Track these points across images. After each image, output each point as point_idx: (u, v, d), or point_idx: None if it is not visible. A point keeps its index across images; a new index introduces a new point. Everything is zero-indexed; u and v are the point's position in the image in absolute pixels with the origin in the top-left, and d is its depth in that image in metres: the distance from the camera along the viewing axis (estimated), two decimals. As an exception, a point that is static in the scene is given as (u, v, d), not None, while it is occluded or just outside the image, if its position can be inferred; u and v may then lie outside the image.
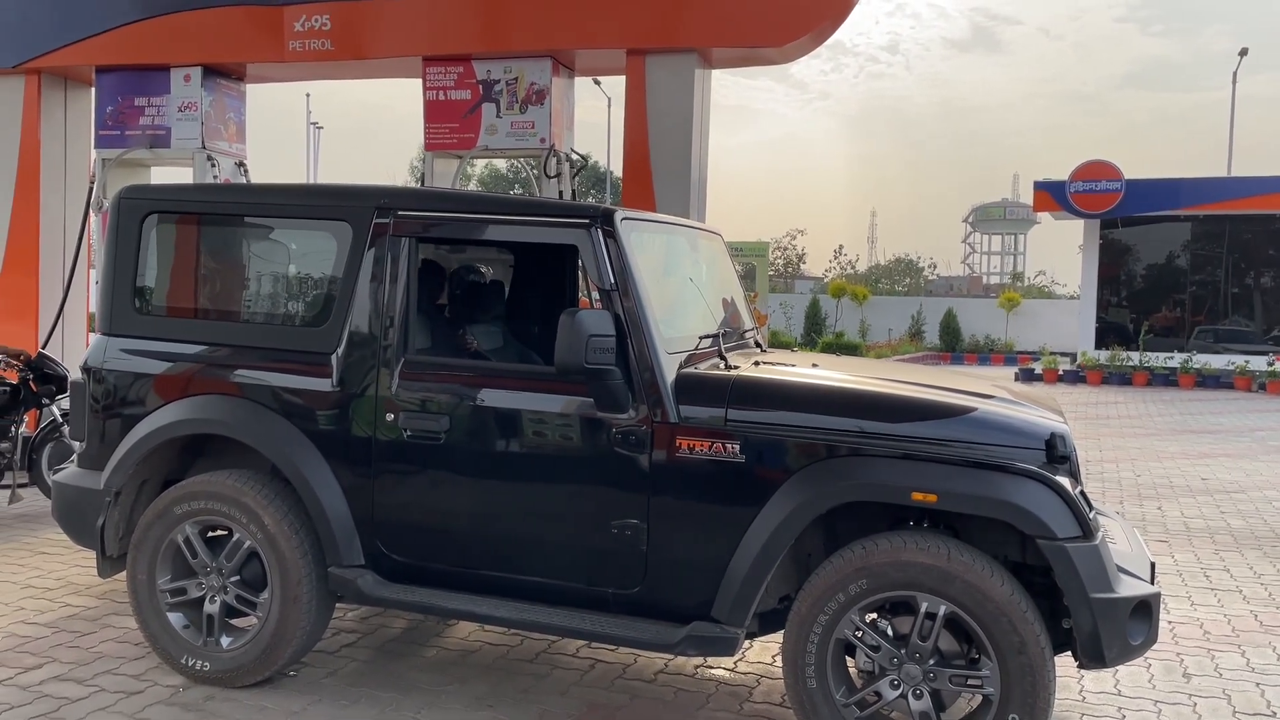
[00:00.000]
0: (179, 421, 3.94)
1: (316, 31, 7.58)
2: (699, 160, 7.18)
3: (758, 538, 3.33)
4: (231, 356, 3.99)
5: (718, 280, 4.52)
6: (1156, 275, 22.40)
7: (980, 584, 3.11)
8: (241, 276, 4.23)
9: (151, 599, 3.99)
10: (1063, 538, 3.07)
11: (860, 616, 3.27)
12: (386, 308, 3.80)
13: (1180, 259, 22.13)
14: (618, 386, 3.46)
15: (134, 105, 8.12)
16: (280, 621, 3.83)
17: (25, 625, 4.56)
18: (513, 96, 7.31)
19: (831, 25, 7.09)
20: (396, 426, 3.74)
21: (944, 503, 3.16)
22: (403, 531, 3.78)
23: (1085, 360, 20.95)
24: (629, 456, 3.50)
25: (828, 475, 3.28)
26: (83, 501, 4.12)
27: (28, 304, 8.48)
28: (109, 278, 4.18)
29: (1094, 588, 3.07)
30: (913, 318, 30.86)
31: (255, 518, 3.83)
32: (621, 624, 3.51)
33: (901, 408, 3.38)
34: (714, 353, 3.92)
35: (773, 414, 3.41)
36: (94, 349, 4.20)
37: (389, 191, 3.91)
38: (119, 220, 4.17)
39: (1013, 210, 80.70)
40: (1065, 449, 3.28)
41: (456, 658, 4.35)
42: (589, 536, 3.55)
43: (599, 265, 3.56)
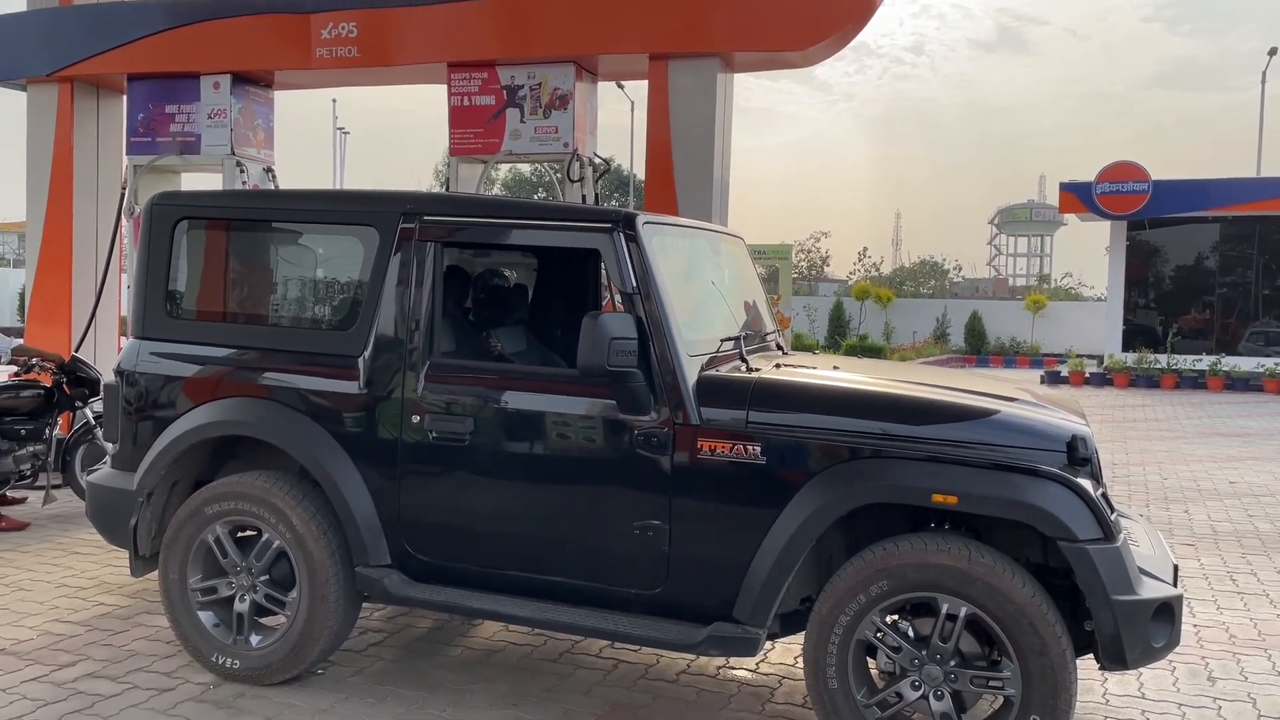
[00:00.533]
0: (209, 424, 4.01)
1: (343, 39, 7.67)
2: (721, 163, 7.21)
3: (779, 539, 3.36)
4: (260, 359, 4.06)
5: (740, 283, 4.55)
6: (1185, 277, 22.20)
7: (1001, 585, 3.12)
8: (270, 281, 4.30)
9: (183, 598, 4.06)
10: (1084, 540, 3.08)
11: (881, 618, 3.29)
12: (412, 311, 3.85)
13: (1209, 260, 21.92)
14: (640, 388, 3.50)
15: (164, 112, 8.24)
16: (308, 620, 3.89)
17: (59, 624, 4.66)
18: (536, 102, 7.37)
19: (854, 28, 7.09)
20: (422, 428, 3.80)
21: (964, 504, 3.17)
22: (428, 532, 3.83)
23: (1112, 363, 20.80)
24: (651, 458, 3.53)
25: (849, 477, 3.31)
26: (116, 502, 4.20)
27: (61, 307, 8.63)
28: (141, 283, 4.26)
29: (1115, 590, 3.08)
30: (937, 320, 30.72)
31: (284, 518, 3.89)
32: (644, 624, 3.54)
33: (922, 410, 3.40)
34: (736, 355, 3.95)
35: (794, 416, 3.44)
36: (127, 352, 4.29)
37: (414, 197, 3.97)
38: (151, 226, 4.25)
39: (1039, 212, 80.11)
40: (1087, 451, 3.29)
41: (481, 657, 4.40)
42: (611, 537, 3.59)
43: (621, 269, 3.60)
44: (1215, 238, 21.59)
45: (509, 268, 5.21)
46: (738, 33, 6.93)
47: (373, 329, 3.90)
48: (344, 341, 3.95)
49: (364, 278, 3.96)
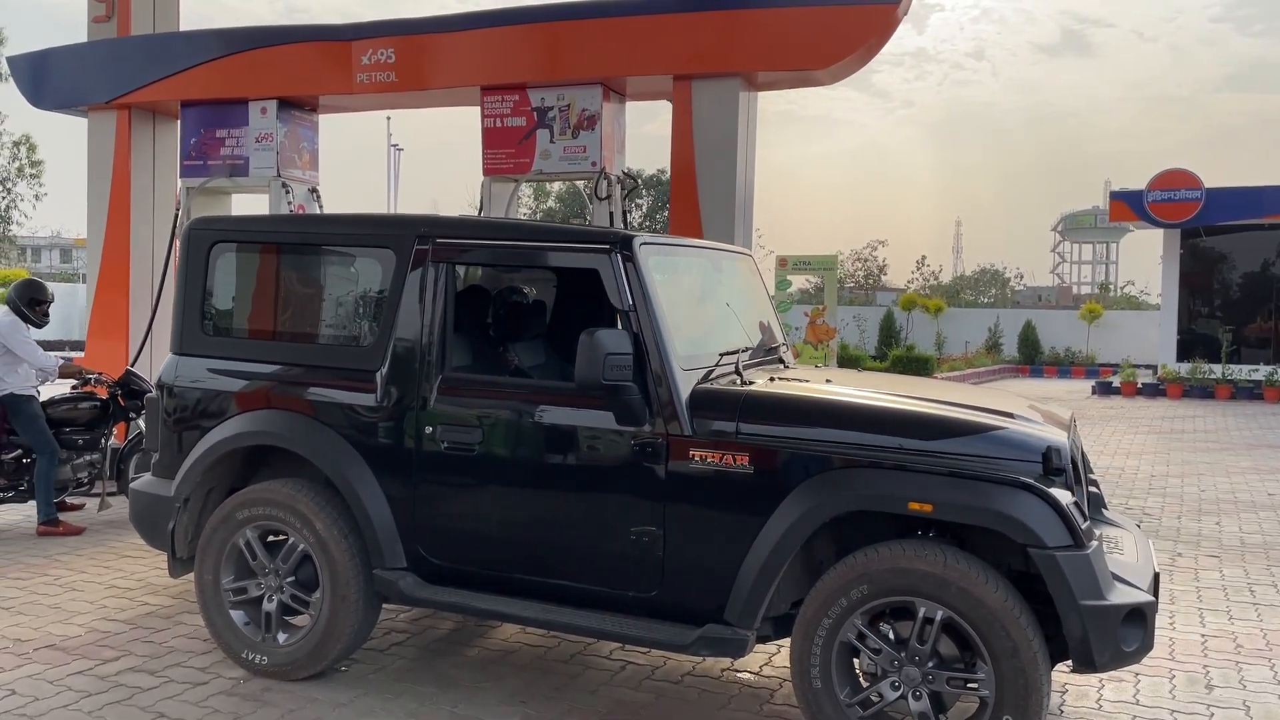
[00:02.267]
0: (240, 434, 4.29)
1: (381, 64, 8.00)
2: (744, 181, 7.39)
3: (766, 544, 3.52)
4: (287, 374, 4.33)
5: (745, 299, 4.72)
6: (1241, 285, 21.76)
7: (975, 590, 3.25)
8: (296, 300, 4.57)
9: (216, 597, 4.34)
10: (1052, 546, 3.20)
11: (863, 620, 3.43)
12: (426, 328, 4.09)
13: (1266, 268, 21.47)
14: (634, 401, 3.69)
15: (215, 137, 8.65)
16: (330, 620, 4.13)
17: (106, 621, 4.97)
18: (565, 122, 7.61)
19: (876, 44, 7.21)
20: (435, 438, 4.03)
21: (939, 512, 3.31)
22: (441, 537, 4.06)
23: (1165, 373, 20.49)
24: (646, 467, 3.72)
25: (830, 486, 3.46)
26: (156, 507, 4.50)
27: (119, 323, 9.08)
28: (180, 302, 4.57)
29: (1084, 595, 3.19)
30: (990, 330, 30.41)
31: (308, 523, 4.15)
32: (640, 625, 3.72)
33: (901, 422, 3.54)
34: (729, 369, 4.13)
35: (780, 427, 3.60)
36: (166, 367, 4.59)
37: (428, 220, 4.21)
38: (188, 249, 4.56)
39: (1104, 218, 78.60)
40: (1060, 461, 3.41)
41: (496, 657, 4.61)
42: (610, 542, 3.78)
43: (618, 287, 3.80)
44: (1273, 245, 21.16)
45: (529, 285, 5.43)
46: (759, 53, 7.10)
47: (390, 345, 4.14)
48: (363, 357, 4.20)
49: (382, 297, 4.21)
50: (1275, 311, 21.34)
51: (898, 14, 7.06)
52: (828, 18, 7.01)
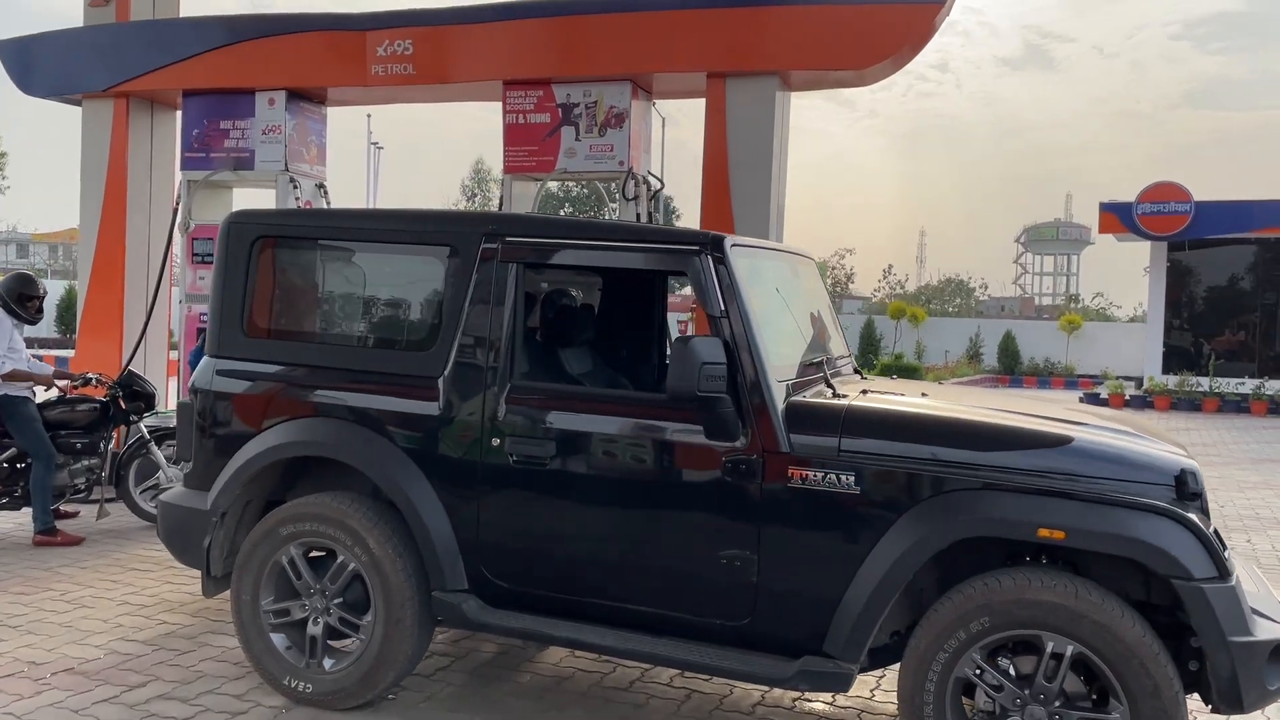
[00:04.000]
0: (286, 444, 3.97)
1: (399, 56, 7.68)
2: (778, 183, 7.16)
3: (874, 572, 3.27)
4: (339, 379, 4.02)
5: (816, 306, 4.48)
6: (1227, 299, 21.89)
7: (1110, 624, 3.02)
8: (349, 301, 4.27)
9: (255, 619, 4.02)
10: (1199, 579, 2.98)
11: (982, 655, 3.19)
12: (493, 332, 3.80)
13: (1251, 282, 21.61)
14: (728, 415, 3.43)
15: (219, 128, 8.28)
16: (383, 645, 3.83)
17: (125, 643, 4.62)
18: (592, 120, 7.34)
19: (911, 50, 7.03)
20: (502, 451, 3.74)
21: (1073, 540, 3.08)
22: (507, 557, 3.77)
23: (1153, 385, 20.53)
24: (739, 486, 3.46)
25: (948, 509, 3.22)
26: (189, 522, 4.17)
27: (113, 321, 8.68)
28: (218, 301, 4.24)
29: (1232, 631, 2.97)
30: (970, 339, 30.49)
31: (360, 540, 3.84)
32: (731, 656, 3.46)
33: (1025, 440, 3.31)
34: (817, 380, 3.88)
35: (888, 444, 3.36)
36: (201, 371, 4.26)
37: (497, 218, 3.93)
38: (228, 244, 4.23)
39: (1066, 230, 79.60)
40: (1197, 485, 3.19)
41: (551, 684, 4.33)
42: (697, 566, 3.51)
43: (708, 292, 3.54)
44: (1258, 259, 21.30)
45: (575, 287, 5.16)
46: (796, 51, 6.88)
47: (452, 350, 3.85)
48: (423, 362, 3.90)
49: (444, 298, 3.92)
50: (1259, 325, 21.49)
51: (939, 16, 6.87)
52: (868, 17, 6.81)
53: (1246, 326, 21.61)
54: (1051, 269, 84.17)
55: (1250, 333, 21.57)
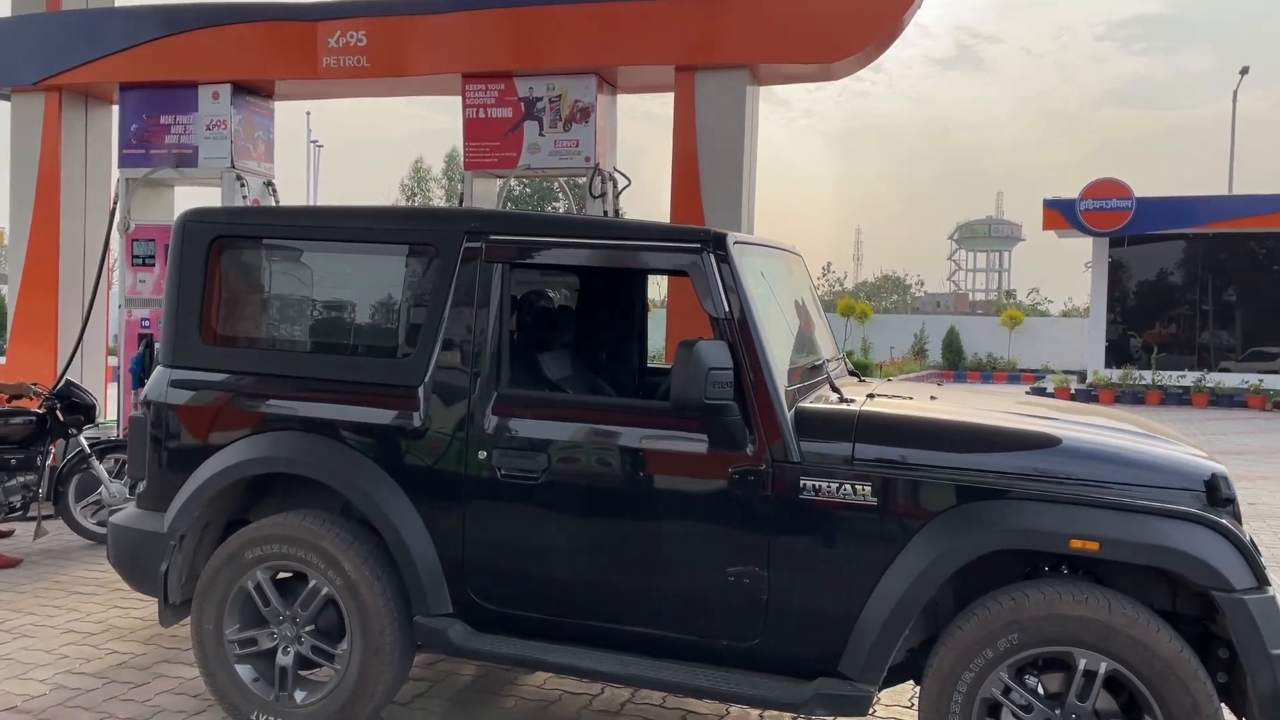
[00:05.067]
0: (253, 460, 3.67)
1: (352, 48, 7.37)
2: (749, 177, 6.99)
3: (894, 588, 3.09)
4: (307, 389, 3.73)
5: (809, 305, 4.29)
6: (1166, 293, 22.28)
7: (1146, 639, 2.87)
8: (317, 304, 3.97)
9: (218, 650, 3.71)
10: (1240, 589, 2.84)
11: (1009, 674, 3.02)
12: (477, 337, 3.55)
13: (1190, 277, 22.03)
14: (734, 423, 3.22)
15: (159, 123, 7.88)
16: (361, 674, 3.56)
17: (73, 675, 4.28)
18: (556, 114, 7.10)
19: (878, 47, 6.92)
20: (490, 464, 3.49)
21: (1106, 551, 2.91)
22: (495, 578, 3.52)
23: (1097, 379, 20.82)
24: (747, 498, 3.25)
25: (974, 520, 3.04)
26: (145, 546, 3.84)
27: (46, 328, 8.23)
28: (172, 307, 3.92)
29: (1274, 644, 2.83)
30: (915, 336, 30.73)
31: (334, 563, 3.56)
32: (741, 680, 3.25)
33: (1050, 446, 3.14)
34: (821, 383, 3.70)
35: (906, 451, 3.17)
36: (155, 382, 3.94)
37: (480, 215, 3.67)
38: (183, 246, 3.92)
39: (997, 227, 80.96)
40: (1230, 491, 3.05)
41: (537, 708, 4.08)
42: (702, 584, 3.30)
43: (712, 292, 3.32)
44: (1196, 254, 21.71)
45: (554, 288, 4.91)
46: (766, 45, 6.72)
47: (433, 357, 3.59)
48: (401, 370, 3.63)
49: (423, 302, 3.65)
50: (1198, 319, 21.91)
51: (907, 12, 6.76)
52: (837, 11, 6.68)
53: (1180, 320, 22.02)
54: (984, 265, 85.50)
55: (1187, 326, 21.98)
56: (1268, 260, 21.44)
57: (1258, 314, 21.53)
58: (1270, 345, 21.21)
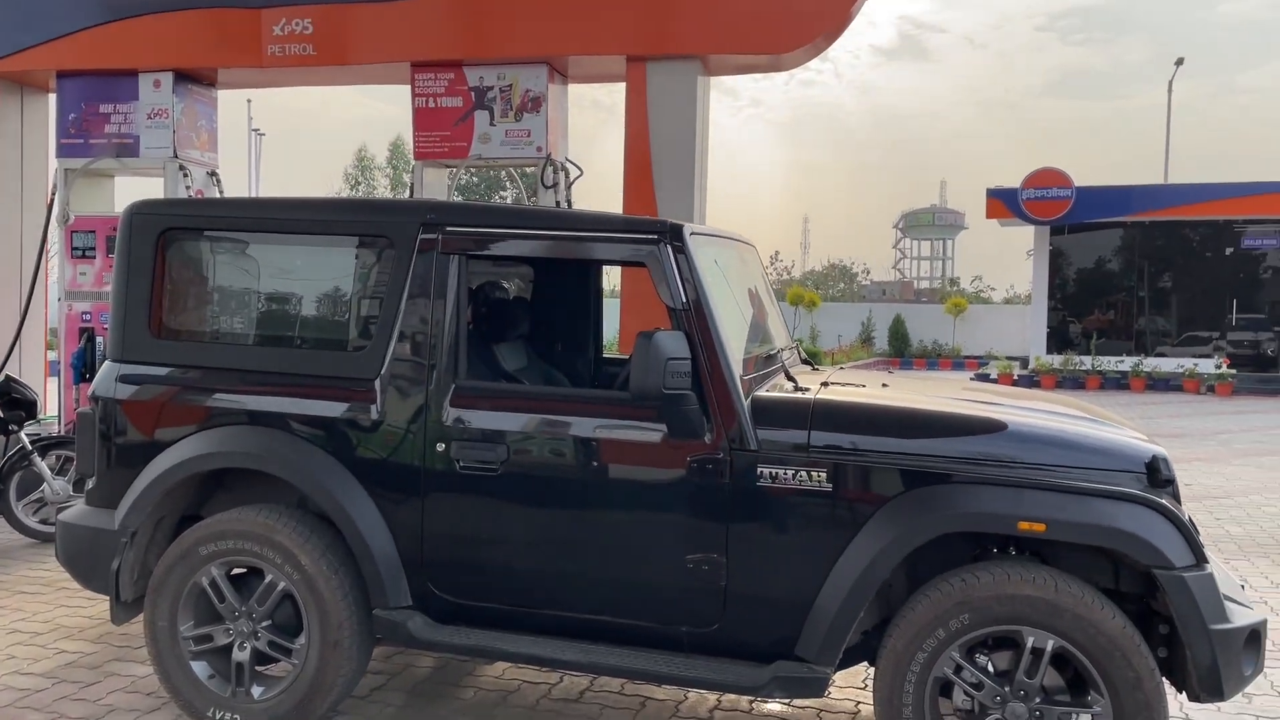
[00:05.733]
0: (206, 455, 3.63)
1: (297, 35, 7.27)
2: (701, 167, 7.02)
3: (849, 571, 3.15)
4: (260, 383, 3.70)
5: (762, 295, 4.34)
6: (1103, 280, 22.81)
7: (1091, 616, 2.96)
8: (269, 297, 3.93)
9: (173, 647, 3.68)
10: (1180, 567, 2.94)
11: (961, 653, 3.10)
12: (433, 329, 3.54)
13: (1127, 265, 22.57)
14: (693, 412, 3.26)
15: (99, 112, 7.71)
16: (319, 669, 3.54)
17: (21, 676, 4.20)
18: (507, 104, 7.07)
19: (827, 38, 7.01)
20: (448, 456, 3.49)
21: (1053, 532, 3.00)
22: (455, 569, 3.52)
23: (1039, 365, 21.26)
24: (704, 486, 3.29)
25: (925, 504, 3.11)
26: (95, 543, 3.78)
27: (-18, 322, 8.01)
28: (120, 300, 3.86)
29: (1212, 619, 2.94)
30: (863, 324, 31.09)
31: (291, 557, 3.54)
32: (700, 665, 3.29)
33: (999, 431, 3.22)
34: (776, 372, 3.75)
35: (860, 438, 3.23)
36: (103, 377, 3.88)
37: (436, 206, 3.65)
38: (131, 237, 3.85)
39: (941, 216, 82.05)
40: (1169, 472, 3.16)
41: (497, 699, 4.10)
42: (661, 572, 3.34)
43: (670, 283, 3.35)
44: (1133, 242, 22.25)
45: (509, 279, 4.91)
46: (717, 35, 6.76)
47: (389, 349, 3.58)
48: (357, 363, 3.61)
49: (379, 293, 3.63)
50: (1136, 306, 22.46)
51: (855, 5, 6.84)
52: (786, 3, 6.74)
53: (1118, 307, 22.57)
54: (929, 253, 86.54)
55: (1125, 312, 22.52)
56: (1201, 248, 22.05)
57: (1192, 300, 22.14)
58: (1204, 331, 21.84)
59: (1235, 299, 21.62)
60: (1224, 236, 21.61)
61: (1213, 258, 22.00)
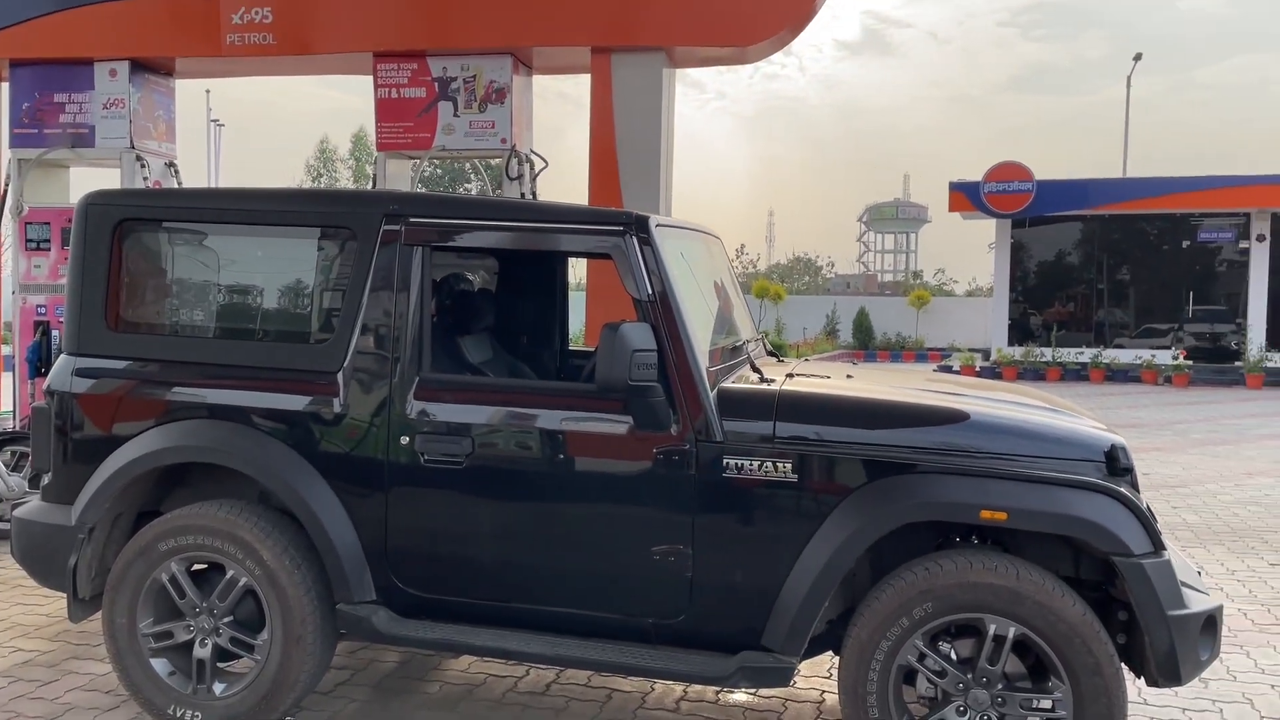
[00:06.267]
0: (165, 449, 3.58)
1: (257, 24, 7.17)
2: (666, 159, 7.02)
3: (814, 561, 3.17)
4: (221, 376, 3.65)
5: (728, 287, 4.35)
6: (1063, 273, 23.09)
7: (1052, 604, 3.00)
8: (228, 289, 3.88)
9: (132, 644, 3.62)
10: (1138, 554, 2.99)
11: (924, 641, 3.13)
12: (397, 322, 3.52)
13: (1087, 258, 22.87)
14: (660, 404, 3.26)
15: (53, 102, 7.57)
16: (282, 664, 3.51)
17: (-25, 676, 4.13)
18: (471, 95, 7.03)
19: (792, 32, 7.04)
20: (412, 450, 3.47)
21: (1014, 521, 3.04)
22: (420, 563, 3.50)
23: (1000, 356, 21.48)
24: (670, 477, 3.29)
25: (889, 494, 3.14)
26: (52, 540, 3.72)
27: (-67, 316, 7.84)
28: (76, 292, 3.79)
29: (1169, 605, 2.99)
30: (827, 316, 31.25)
31: (252, 552, 3.50)
32: (666, 656, 3.30)
33: (958, 421, 3.25)
34: (741, 364, 3.76)
35: (825, 429, 3.25)
36: (59, 371, 3.81)
37: (399, 197, 3.62)
38: (86, 229, 3.78)
39: (905, 210, 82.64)
40: (1128, 461, 3.20)
41: (463, 693, 4.08)
42: (627, 563, 3.34)
43: (635, 275, 3.35)
44: (1093, 235, 22.54)
45: (473, 270, 4.88)
46: (682, 27, 6.76)
47: (352, 341, 3.54)
48: (320, 355, 3.58)
49: (341, 285, 3.60)
50: (1095, 298, 22.77)
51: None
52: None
53: (1078, 299, 22.87)
54: (892, 247, 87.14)
55: (1084, 305, 22.83)
56: (1158, 241, 22.38)
57: (1149, 293, 22.48)
58: (1161, 323, 22.18)
59: (1192, 291, 21.97)
60: (1181, 230, 21.95)
61: (1170, 251, 22.34)
